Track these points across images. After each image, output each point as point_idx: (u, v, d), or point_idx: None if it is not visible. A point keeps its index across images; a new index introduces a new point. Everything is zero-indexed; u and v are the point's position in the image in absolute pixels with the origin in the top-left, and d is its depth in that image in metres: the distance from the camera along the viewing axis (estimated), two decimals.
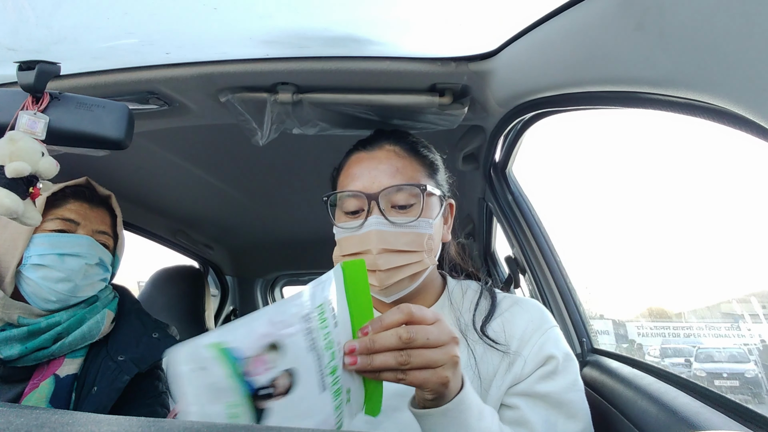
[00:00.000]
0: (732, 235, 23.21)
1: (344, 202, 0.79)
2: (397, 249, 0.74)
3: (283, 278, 3.05)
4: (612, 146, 50.07)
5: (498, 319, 0.79)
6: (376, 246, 0.73)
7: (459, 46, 0.86)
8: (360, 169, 0.80)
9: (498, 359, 0.75)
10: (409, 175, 0.79)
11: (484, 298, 0.84)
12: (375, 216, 0.75)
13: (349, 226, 0.77)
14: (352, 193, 0.77)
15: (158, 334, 1.06)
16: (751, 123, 0.44)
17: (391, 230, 0.75)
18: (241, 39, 0.84)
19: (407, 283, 0.77)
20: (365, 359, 0.51)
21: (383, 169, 0.78)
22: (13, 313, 0.91)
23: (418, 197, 0.77)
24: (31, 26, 0.71)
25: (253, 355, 0.45)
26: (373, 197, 0.75)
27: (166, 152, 1.38)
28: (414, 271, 0.76)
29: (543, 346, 0.74)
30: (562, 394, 0.71)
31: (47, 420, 0.35)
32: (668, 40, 0.49)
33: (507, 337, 0.76)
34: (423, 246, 0.76)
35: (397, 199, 0.76)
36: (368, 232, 0.74)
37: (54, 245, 0.94)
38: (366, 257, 0.74)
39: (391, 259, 0.74)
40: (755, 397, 4.65)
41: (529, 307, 0.81)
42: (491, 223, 1.72)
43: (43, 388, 0.91)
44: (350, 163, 0.83)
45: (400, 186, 0.76)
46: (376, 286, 0.75)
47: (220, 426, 0.37)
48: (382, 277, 0.74)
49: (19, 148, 0.64)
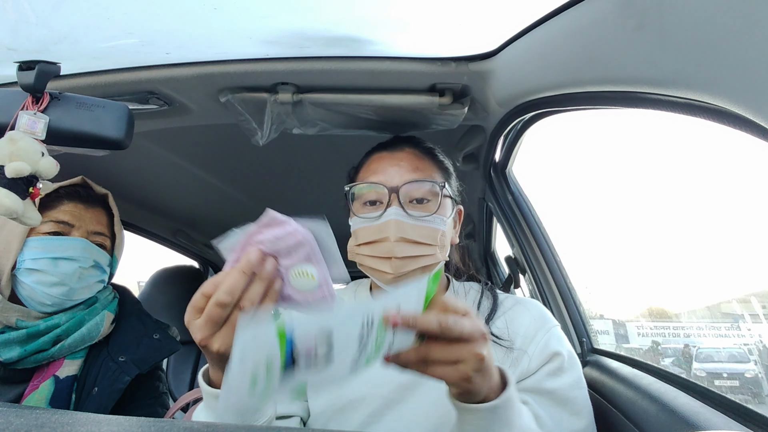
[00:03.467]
0: (732, 235, 23.16)
1: (365, 194, 0.83)
2: (414, 240, 0.78)
3: None
4: (612, 146, 49.96)
5: (501, 317, 0.82)
6: (395, 234, 0.77)
7: (459, 46, 0.86)
8: (381, 165, 0.84)
9: (502, 355, 0.77)
10: (428, 174, 0.84)
11: (486, 298, 0.87)
12: (395, 207, 0.79)
13: (368, 216, 0.81)
14: (374, 184, 0.82)
15: (159, 335, 1.06)
16: (751, 123, 0.44)
17: (409, 222, 0.78)
18: (241, 39, 0.84)
19: (419, 275, 0.79)
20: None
21: (404, 165, 0.83)
22: (11, 315, 0.91)
23: (436, 194, 0.82)
24: (31, 26, 0.71)
25: (304, 348, 0.47)
26: (393, 190, 0.79)
27: (166, 152, 1.38)
28: (427, 263, 0.79)
29: (548, 343, 0.76)
30: (568, 391, 0.73)
31: (47, 420, 0.35)
32: (668, 40, 0.49)
33: (511, 334, 0.79)
34: (437, 241, 0.80)
35: (415, 194, 0.81)
36: (387, 221, 0.78)
37: (47, 249, 0.93)
38: (383, 245, 0.78)
39: (407, 248, 0.78)
40: (755, 397, 4.65)
41: (531, 306, 0.84)
42: (491, 223, 1.72)
43: (42, 389, 0.91)
44: (371, 161, 0.87)
45: (421, 181, 0.81)
46: (390, 273, 0.78)
47: (220, 426, 0.37)
48: (397, 264, 0.77)
49: (19, 148, 0.64)
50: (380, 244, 0.78)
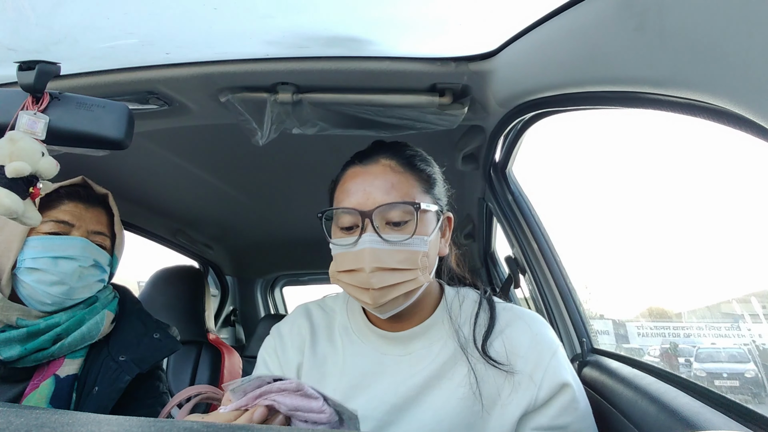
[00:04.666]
0: (732, 235, 23.16)
1: (339, 218, 0.79)
2: (391, 267, 0.73)
3: (283, 278, 3.05)
4: (612, 146, 49.79)
5: (499, 338, 0.78)
6: (369, 264, 0.72)
7: (459, 46, 0.86)
8: (355, 185, 0.78)
9: (502, 379, 0.75)
10: (404, 191, 0.77)
11: (483, 310, 0.82)
12: (369, 234, 0.74)
13: (344, 242, 0.77)
14: (346, 210, 0.77)
15: (159, 335, 1.06)
16: (751, 123, 0.44)
17: (385, 248, 0.73)
18: (241, 39, 0.84)
19: (402, 301, 0.76)
20: None
21: (378, 185, 0.77)
22: (11, 314, 0.91)
23: (413, 215, 0.76)
24: (31, 26, 0.71)
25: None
26: (366, 215, 0.74)
27: (166, 152, 1.38)
28: (408, 289, 0.75)
29: (557, 372, 0.74)
30: (579, 423, 0.72)
31: (47, 420, 0.35)
32: (668, 40, 0.49)
33: (510, 356, 0.76)
34: (417, 264, 0.75)
35: (391, 216, 0.75)
36: (362, 250, 0.74)
37: (47, 248, 0.93)
38: (360, 275, 0.74)
39: (385, 278, 0.73)
40: (755, 397, 4.65)
41: (531, 322, 0.80)
42: (491, 223, 1.72)
43: (43, 388, 0.91)
44: (346, 178, 0.82)
45: (394, 204, 0.75)
46: (369, 303, 0.75)
47: (220, 426, 0.37)
48: (375, 295, 0.73)
49: (19, 148, 0.64)
50: (357, 273, 0.74)
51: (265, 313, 2.85)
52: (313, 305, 0.93)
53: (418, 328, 0.81)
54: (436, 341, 0.80)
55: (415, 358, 0.79)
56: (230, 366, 1.75)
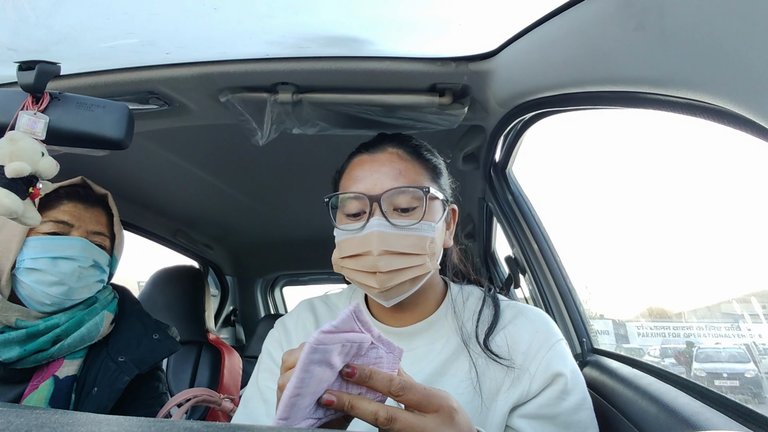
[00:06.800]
0: (732, 235, 23.21)
1: (346, 204, 0.78)
2: (399, 251, 0.73)
3: (283, 278, 3.06)
4: (612, 146, 49.60)
5: (501, 333, 0.78)
6: (378, 247, 0.72)
7: (459, 46, 0.86)
8: (362, 172, 0.78)
9: (502, 374, 0.74)
10: (412, 177, 0.77)
11: (487, 306, 0.82)
12: (377, 218, 0.73)
13: (351, 228, 0.76)
14: (354, 194, 0.76)
15: (159, 336, 1.06)
16: (751, 123, 0.45)
17: (393, 232, 0.73)
18: (241, 39, 0.84)
19: (408, 287, 0.76)
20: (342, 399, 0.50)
21: (386, 172, 0.77)
22: (10, 315, 0.91)
23: (421, 200, 0.76)
24: (31, 26, 0.71)
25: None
26: (375, 199, 0.74)
27: (166, 152, 1.38)
28: (415, 274, 0.74)
29: (551, 363, 0.73)
30: (571, 415, 0.71)
31: (47, 420, 0.35)
32: (668, 40, 0.49)
33: (511, 352, 0.75)
34: (425, 249, 0.75)
35: (399, 202, 0.75)
36: (370, 233, 0.73)
37: (46, 248, 0.93)
38: (366, 259, 0.73)
39: (392, 261, 0.73)
40: (755, 397, 4.65)
41: (534, 318, 0.79)
42: (491, 223, 1.72)
43: (42, 389, 0.91)
44: (352, 166, 0.82)
45: (403, 188, 0.75)
46: (376, 288, 0.74)
47: (220, 426, 0.37)
48: (382, 279, 0.73)
49: (19, 148, 0.64)
50: (364, 257, 0.74)
51: (265, 313, 2.85)
52: (317, 300, 0.93)
53: (421, 324, 0.80)
54: (439, 338, 0.79)
55: (417, 356, 0.78)
56: (230, 366, 1.75)
